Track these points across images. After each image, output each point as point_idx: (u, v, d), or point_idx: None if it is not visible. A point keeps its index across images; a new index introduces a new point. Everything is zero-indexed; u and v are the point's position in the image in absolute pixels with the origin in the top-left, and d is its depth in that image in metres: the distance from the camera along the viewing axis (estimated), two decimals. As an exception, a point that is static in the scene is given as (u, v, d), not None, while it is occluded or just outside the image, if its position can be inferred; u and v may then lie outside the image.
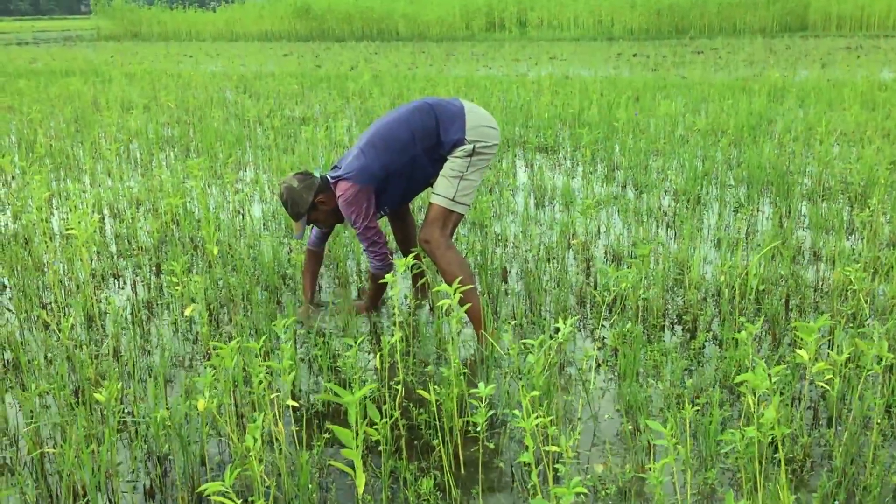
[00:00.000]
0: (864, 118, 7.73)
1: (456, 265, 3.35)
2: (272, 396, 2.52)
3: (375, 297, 3.73)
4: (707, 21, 26.80)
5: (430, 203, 3.42)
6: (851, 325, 3.38)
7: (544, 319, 3.62)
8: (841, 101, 9.09)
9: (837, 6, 26.29)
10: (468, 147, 3.37)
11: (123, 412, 2.86)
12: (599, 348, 3.32)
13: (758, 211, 5.19)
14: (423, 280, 3.96)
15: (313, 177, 3.52)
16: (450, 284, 3.30)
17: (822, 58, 16.24)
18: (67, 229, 4.19)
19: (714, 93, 10.12)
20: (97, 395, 2.39)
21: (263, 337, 2.73)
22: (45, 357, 3.32)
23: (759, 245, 4.43)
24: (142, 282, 4.22)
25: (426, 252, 3.42)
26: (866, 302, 3.51)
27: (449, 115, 3.39)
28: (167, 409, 2.71)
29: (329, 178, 3.52)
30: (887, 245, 4.36)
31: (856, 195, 5.35)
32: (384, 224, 4.90)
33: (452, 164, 3.39)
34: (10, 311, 3.85)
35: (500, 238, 4.76)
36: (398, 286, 3.01)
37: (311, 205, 3.49)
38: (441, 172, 3.43)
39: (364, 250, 3.52)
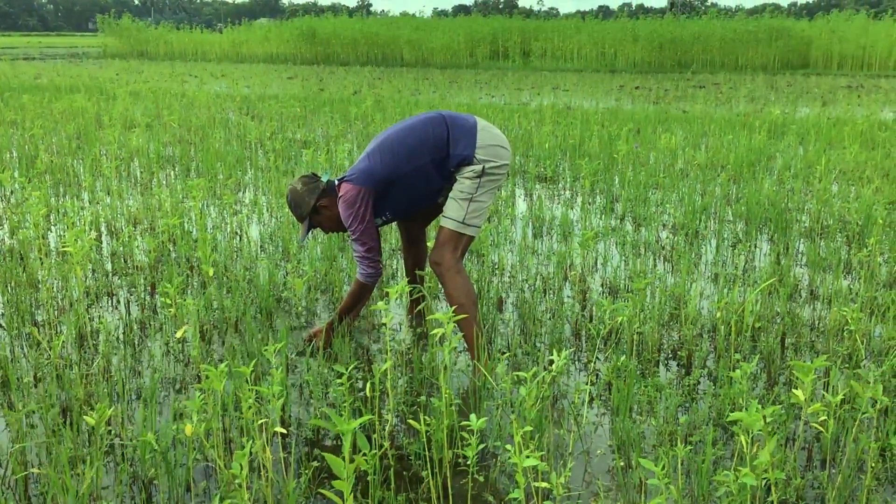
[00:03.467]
0: (864, 157, 7.76)
1: (462, 291, 3.33)
2: (261, 422, 2.49)
3: (349, 310, 3.62)
4: (709, 56, 27.00)
5: (441, 226, 3.41)
6: (847, 365, 3.36)
7: (539, 350, 3.59)
8: (841, 140, 9.13)
9: (839, 45, 26.52)
10: (477, 168, 3.34)
11: (111, 434, 2.83)
12: (593, 382, 3.29)
13: (755, 247, 5.19)
14: (420, 306, 3.94)
15: (318, 180, 3.53)
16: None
17: (823, 96, 16.34)
18: (63, 246, 4.18)
19: (715, 127, 10.17)
20: (87, 419, 2.36)
21: (254, 361, 2.71)
22: (35, 375, 3.29)
23: (756, 281, 4.42)
24: (136, 301, 4.20)
25: (436, 274, 3.40)
26: (862, 343, 3.49)
27: (461, 130, 3.38)
28: (155, 432, 2.68)
29: (335, 181, 3.53)
30: (884, 285, 4.35)
31: (854, 234, 5.35)
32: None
33: (461, 185, 3.37)
34: (1, 327, 3.82)
35: (496, 267, 4.75)
36: (391, 313, 2.99)
37: (314, 208, 3.51)
38: (450, 195, 3.41)
39: (355, 256, 3.48)
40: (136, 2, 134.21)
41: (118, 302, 4.22)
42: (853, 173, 7.27)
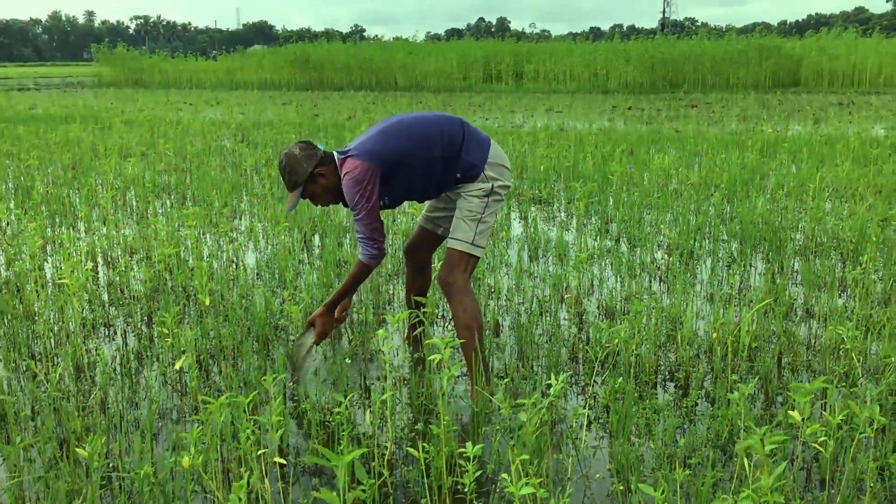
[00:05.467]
0: (856, 174, 7.80)
1: (471, 314, 3.33)
2: (259, 453, 2.49)
3: (348, 291, 3.52)
4: (701, 76, 27.20)
5: (449, 248, 3.40)
6: (844, 384, 3.36)
7: (536, 374, 3.59)
8: (833, 157, 9.19)
9: (829, 63, 26.76)
10: (486, 186, 3.37)
11: (108, 467, 2.82)
12: (591, 406, 3.29)
13: (750, 266, 5.21)
14: (418, 331, 3.93)
15: (317, 148, 3.41)
16: (459, 330, 3.29)
17: (814, 113, 16.45)
18: (60, 278, 4.18)
19: (707, 147, 10.22)
20: (80, 451, 2.35)
21: (254, 393, 2.71)
22: (32, 409, 3.28)
23: (751, 301, 4.43)
24: (132, 332, 4.20)
25: (445, 293, 3.40)
26: (859, 361, 3.50)
27: (475, 139, 3.41)
28: (152, 464, 2.67)
29: (336, 153, 3.43)
30: (879, 303, 4.37)
31: (848, 252, 5.37)
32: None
33: (469, 204, 3.38)
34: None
35: (493, 291, 4.75)
36: (391, 341, 2.99)
37: (310, 176, 3.37)
38: (456, 215, 3.42)
39: (359, 237, 3.37)
40: (131, 31, 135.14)
41: (115, 332, 4.21)
42: (846, 190, 7.31)
